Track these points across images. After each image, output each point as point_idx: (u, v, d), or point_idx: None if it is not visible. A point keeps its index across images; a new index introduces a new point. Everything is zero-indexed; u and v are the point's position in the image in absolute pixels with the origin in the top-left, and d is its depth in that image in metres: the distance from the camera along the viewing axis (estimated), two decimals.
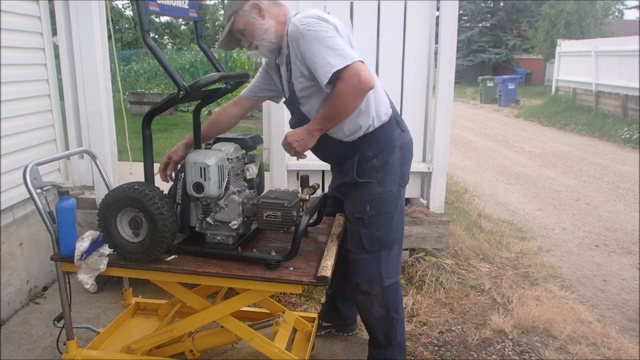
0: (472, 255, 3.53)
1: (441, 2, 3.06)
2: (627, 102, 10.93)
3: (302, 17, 1.79)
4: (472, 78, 23.84)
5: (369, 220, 1.95)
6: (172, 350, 2.12)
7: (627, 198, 5.85)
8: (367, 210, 1.94)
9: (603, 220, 5.03)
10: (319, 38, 1.73)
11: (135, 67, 15.01)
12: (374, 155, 1.93)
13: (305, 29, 1.75)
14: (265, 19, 1.87)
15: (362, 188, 1.95)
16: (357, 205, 1.97)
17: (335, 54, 1.70)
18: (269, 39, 1.88)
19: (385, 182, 1.95)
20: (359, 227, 1.97)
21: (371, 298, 2.00)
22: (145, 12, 1.62)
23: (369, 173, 1.94)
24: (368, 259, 1.98)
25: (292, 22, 1.81)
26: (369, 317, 2.07)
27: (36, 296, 3.02)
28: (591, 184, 6.55)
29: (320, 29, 1.75)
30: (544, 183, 6.55)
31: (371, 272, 1.98)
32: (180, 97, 1.70)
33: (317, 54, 1.72)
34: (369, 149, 1.93)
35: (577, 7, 19.63)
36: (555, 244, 4.36)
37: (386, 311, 2.02)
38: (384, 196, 1.95)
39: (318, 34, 1.74)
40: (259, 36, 1.87)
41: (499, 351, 2.53)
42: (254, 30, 1.87)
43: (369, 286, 1.99)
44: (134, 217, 1.76)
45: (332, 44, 1.72)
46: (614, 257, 4.10)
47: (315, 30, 1.74)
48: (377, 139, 1.94)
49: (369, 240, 1.96)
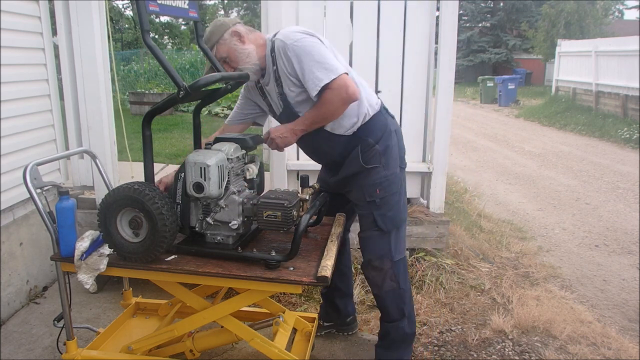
0: (472, 255, 3.53)
1: (441, 2, 3.06)
2: (627, 102, 10.93)
3: (288, 33, 1.94)
4: (472, 78, 23.84)
5: (380, 202, 2.08)
6: (172, 350, 2.12)
7: (627, 198, 5.86)
8: (377, 193, 2.07)
9: (603, 220, 5.03)
10: (307, 52, 1.87)
11: (135, 67, 15.00)
12: (375, 142, 2.05)
13: (293, 43, 1.89)
14: (245, 44, 2.00)
15: (368, 173, 2.07)
16: (367, 189, 2.08)
17: (322, 67, 1.85)
18: (252, 61, 1.99)
19: (389, 165, 2.09)
20: (371, 209, 2.09)
21: (382, 273, 2.13)
22: (145, 12, 1.62)
23: (374, 158, 2.05)
24: (379, 236, 2.11)
25: (279, 38, 1.93)
26: (380, 291, 2.18)
27: (36, 296, 3.02)
28: (591, 184, 6.55)
29: (307, 43, 1.89)
30: (544, 183, 6.55)
31: (382, 249, 2.12)
32: (180, 97, 1.69)
33: (305, 68, 1.87)
34: (370, 137, 2.05)
35: (577, 7, 19.63)
36: (555, 244, 4.36)
37: (397, 284, 2.15)
38: (390, 178, 2.09)
39: (305, 48, 1.88)
40: (242, 61, 1.99)
41: (499, 351, 2.53)
42: (237, 56, 1.99)
43: (381, 262, 2.12)
44: (134, 217, 1.76)
45: (319, 57, 1.86)
46: (614, 257, 4.11)
47: (303, 44, 1.88)
48: (375, 127, 2.07)
49: (383, 221, 2.09)
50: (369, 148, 2.05)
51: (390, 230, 2.11)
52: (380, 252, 2.13)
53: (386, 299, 2.19)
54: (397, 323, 2.22)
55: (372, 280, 2.19)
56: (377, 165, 2.06)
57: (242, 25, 2.06)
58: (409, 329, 2.24)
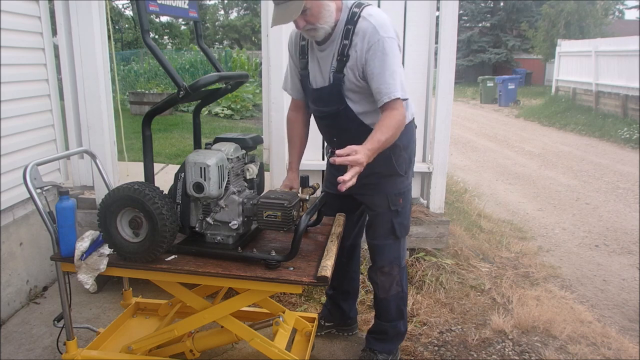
0: (472, 255, 3.53)
1: (441, 2, 3.06)
2: (627, 102, 10.93)
3: (381, 20, 1.80)
4: (472, 78, 23.84)
5: (402, 211, 2.12)
6: (172, 350, 2.12)
7: (627, 198, 5.85)
8: (400, 202, 2.10)
9: (603, 220, 5.03)
10: (394, 55, 1.79)
11: (135, 67, 14.99)
12: (404, 149, 2.05)
13: (386, 36, 1.78)
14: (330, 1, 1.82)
15: (394, 181, 2.07)
16: (392, 198, 2.08)
17: (398, 81, 1.79)
18: (331, 22, 1.83)
19: (409, 175, 2.13)
20: (391, 217, 2.10)
21: (391, 278, 2.18)
22: (145, 12, 1.62)
23: (402, 165, 2.06)
24: (392, 244, 2.14)
25: (368, 19, 1.80)
26: (387, 294, 2.21)
27: (36, 296, 3.02)
28: (591, 184, 6.55)
29: (395, 46, 1.81)
30: (544, 183, 6.55)
31: (394, 256, 2.16)
32: (180, 97, 1.69)
33: (387, 70, 1.78)
34: (400, 142, 1.97)
35: (577, 7, 19.63)
36: (555, 244, 4.36)
37: (401, 288, 2.21)
38: (409, 187, 2.15)
39: (394, 50, 1.80)
40: (323, 18, 1.81)
41: (499, 351, 2.53)
42: (321, 11, 1.80)
43: (391, 267, 2.17)
44: (134, 217, 1.76)
45: (400, 69, 1.82)
46: (614, 257, 4.10)
47: (392, 45, 1.79)
48: (406, 135, 2.00)
49: (400, 229, 2.13)
50: (399, 153, 2.03)
51: (403, 237, 2.16)
52: (392, 258, 2.16)
53: (391, 302, 2.23)
54: (395, 323, 2.28)
55: (381, 284, 2.22)
56: (401, 173, 2.07)
57: None
58: (403, 327, 2.33)
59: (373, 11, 1.85)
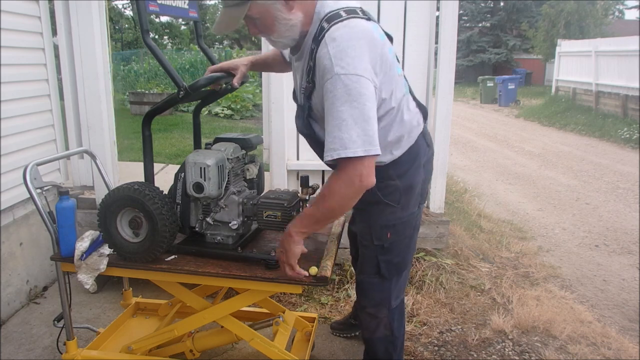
0: (472, 255, 3.53)
1: (441, 2, 3.06)
2: (627, 102, 10.93)
3: (342, 50, 1.40)
4: (472, 78, 23.84)
5: (390, 247, 1.76)
6: (172, 350, 2.12)
7: (627, 198, 5.85)
8: (388, 237, 1.74)
9: (603, 220, 5.03)
10: (348, 99, 1.39)
11: (135, 67, 14.99)
12: (396, 177, 1.68)
13: (341, 75, 1.39)
14: (292, 11, 1.49)
15: (382, 211, 1.72)
16: (377, 231, 1.75)
17: (347, 134, 1.38)
18: (292, 36, 1.53)
19: (408, 205, 1.73)
20: (376, 253, 1.77)
21: (377, 320, 1.88)
22: (145, 12, 1.62)
23: (392, 195, 1.70)
24: (379, 283, 1.81)
25: (327, 47, 1.42)
26: (372, 336, 1.94)
27: (36, 296, 3.02)
28: (591, 184, 6.55)
29: (355, 84, 1.39)
30: (544, 183, 6.55)
31: (381, 297, 1.83)
32: (180, 97, 1.69)
33: (331, 120, 1.41)
34: (392, 169, 1.68)
35: (577, 7, 19.63)
36: (555, 244, 4.35)
37: (390, 332, 1.90)
38: (406, 220, 1.75)
39: (351, 91, 1.39)
40: (278, 32, 1.52)
41: (499, 351, 2.53)
42: (274, 24, 1.51)
43: (377, 310, 1.86)
44: (134, 217, 1.76)
45: (357, 116, 1.39)
46: (614, 257, 4.10)
47: (350, 84, 1.39)
48: (402, 158, 1.68)
49: (387, 268, 1.78)
50: (388, 181, 1.67)
51: (392, 277, 1.80)
52: (378, 299, 1.84)
53: (376, 344, 1.95)
54: None
55: (365, 325, 1.95)
56: (393, 204, 1.70)
57: None
58: None
59: (339, 34, 1.43)
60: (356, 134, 1.40)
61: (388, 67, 1.53)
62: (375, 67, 1.47)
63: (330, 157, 1.43)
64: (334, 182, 1.47)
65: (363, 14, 1.55)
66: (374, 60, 1.46)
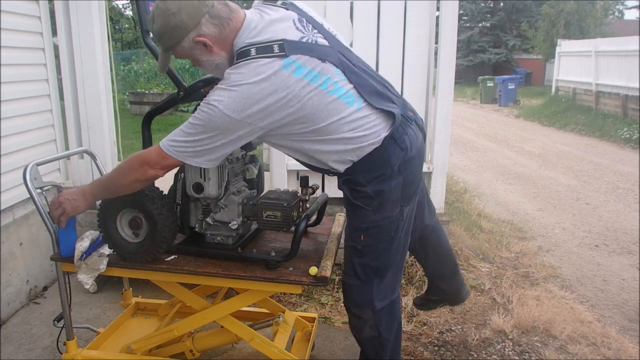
0: (472, 255, 3.53)
1: (441, 2, 3.06)
2: (627, 102, 10.93)
3: (224, 89, 1.47)
4: (472, 78, 23.85)
5: (363, 250, 1.71)
6: (172, 350, 2.12)
7: (627, 198, 5.85)
8: (362, 240, 1.69)
9: (603, 220, 5.03)
10: (198, 125, 1.50)
11: (135, 67, 15.00)
12: (366, 183, 1.63)
13: (206, 104, 1.48)
14: (213, 52, 1.55)
15: (356, 213, 1.69)
16: (351, 232, 1.73)
17: (185, 138, 1.53)
18: (220, 74, 1.55)
19: (383, 209, 1.66)
20: (351, 255, 1.74)
21: (362, 321, 1.83)
22: (145, 12, 1.62)
23: (362, 200, 1.66)
24: (358, 285, 1.76)
25: (223, 78, 1.49)
26: (359, 335, 1.90)
27: (36, 296, 3.02)
28: (591, 184, 6.55)
29: (211, 119, 1.47)
30: (544, 183, 6.55)
31: (363, 298, 1.77)
32: (180, 97, 1.70)
33: (185, 124, 1.54)
34: (361, 175, 1.63)
35: (577, 7, 19.64)
36: (555, 244, 4.36)
37: (377, 333, 1.83)
38: (381, 224, 1.68)
39: (203, 121, 1.49)
40: (207, 68, 1.63)
41: (499, 351, 2.53)
42: (202, 64, 1.61)
43: (360, 311, 1.81)
44: (133, 218, 1.76)
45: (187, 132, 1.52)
46: (614, 257, 4.10)
47: (207, 117, 1.48)
48: (370, 164, 1.62)
49: (363, 270, 1.73)
50: (357, 187, 1.65)
51: (372, 280, 1.74)
52: (360, 301, 1.78)
53: (365, 345, 1.91)
54: None
55: (351, 324, 1.91)
56: (365, 207, 1.65)
57: (211, 19, 1.50)
58: None
59: (235, 73, 1.46)
60: (184, 140, 1.53)
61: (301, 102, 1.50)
62: (267, 109, 1.47)
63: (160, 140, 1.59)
64: (128, 160, 1.62)
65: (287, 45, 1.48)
66: (267, 105, 1.46)
